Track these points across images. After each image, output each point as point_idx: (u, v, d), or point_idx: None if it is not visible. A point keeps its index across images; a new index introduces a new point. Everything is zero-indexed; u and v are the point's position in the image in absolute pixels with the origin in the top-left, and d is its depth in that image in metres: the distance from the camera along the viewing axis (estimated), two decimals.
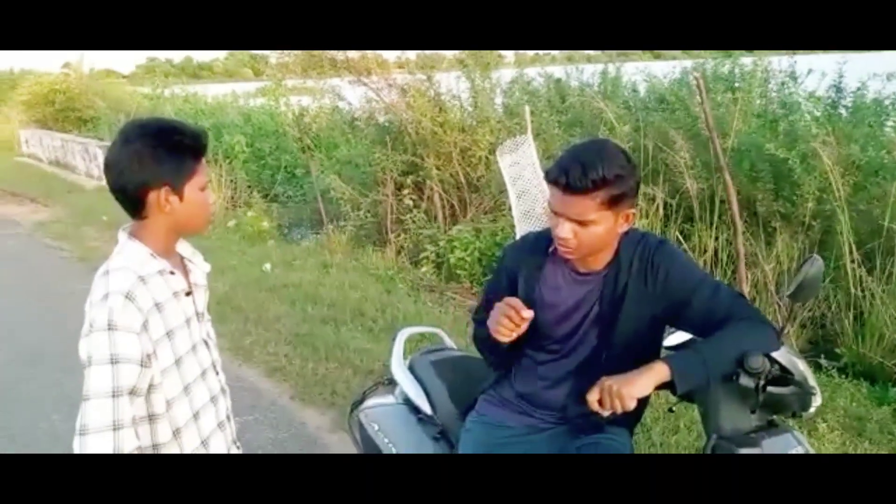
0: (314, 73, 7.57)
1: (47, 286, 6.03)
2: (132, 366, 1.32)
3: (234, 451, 1.67)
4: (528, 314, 1.62)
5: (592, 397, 1.49)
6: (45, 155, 13.99)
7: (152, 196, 1.42)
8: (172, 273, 1.47)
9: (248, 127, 11.55)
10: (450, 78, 7.00)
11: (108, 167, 1.42)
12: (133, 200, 1.43)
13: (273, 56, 8.37)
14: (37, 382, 4.06)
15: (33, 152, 14.72)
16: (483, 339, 1.81)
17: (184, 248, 1.59)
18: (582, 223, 1.60)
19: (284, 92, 8.21)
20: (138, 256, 1.42)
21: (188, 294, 1.53)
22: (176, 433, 1.46)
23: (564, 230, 1.62)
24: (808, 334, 4.32)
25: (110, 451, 1.29)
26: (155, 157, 1.39)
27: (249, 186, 9.49)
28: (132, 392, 1.33)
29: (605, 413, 1.49)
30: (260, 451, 3.28)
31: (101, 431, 1.29)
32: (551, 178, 1.61)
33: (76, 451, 1.30)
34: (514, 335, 1.64)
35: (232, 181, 9.19)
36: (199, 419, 1.52)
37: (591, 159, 1.57)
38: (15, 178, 12.11)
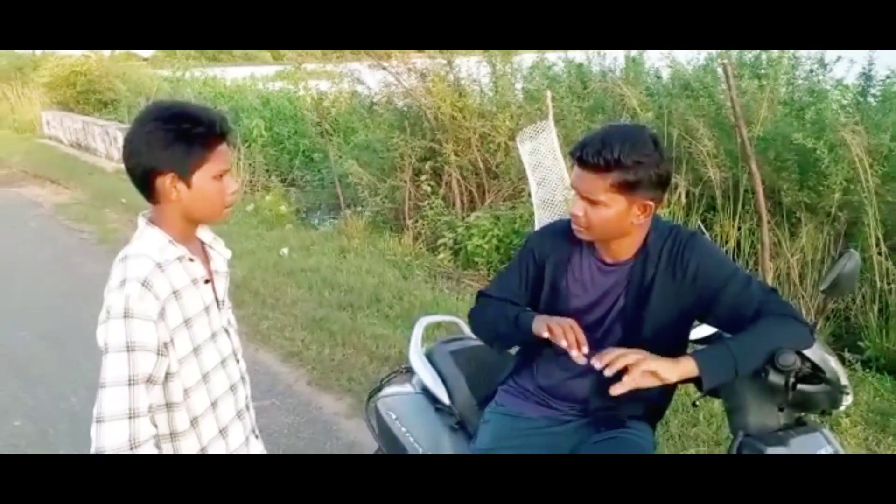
0: (333, 57, 7.53)
1: (67, 267, 6.08)
2: (148, 354, 1.31)
3: (253, 440, 1.66)
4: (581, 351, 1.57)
5: (617, 352, 1.47)
6: (67, 137, 14.06)
7: (160, 181, 1.39)
8: (192, 260, 1.45)
9: (267, 111, 11.53)
10: (470, 63, 6.92)
11: (123, 146, 1.41)
12: (142, 183, 1.41)
13: None
14: (57, 363, 4.09)
15: (55, 134, 14.80)
16: (497, 319, 1.77)
17: (205, 234, 1.57)
18: (592, 202, 1.59)
19: (303, 76, 8.18)
20: (157, 243, 1.40)
21: (207, 281, 1.50)
22: (194, 422, 1.44)
23: (577, 206, 1.62)
24: (831, 327, 4.25)
25: (125, 440, 1.28)
26: (163, 142, 1.36)
27: (268, 170, 9.49)
28: (149, 380, 1.32)
29: (609, 371, 1.45)
30: (276, 436, 3.28)
31: (117, 419, 1.28)
32: (570, 151, 1.63)
33: (93, 438, 1.30)
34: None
35: (250, 165, 9.19)
36: (217, 408, 1.50)
37: (612, 139, 1.55)
38: (37, 159, 12.19)
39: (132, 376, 1.29)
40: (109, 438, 1.28)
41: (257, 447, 1.68)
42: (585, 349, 1.53)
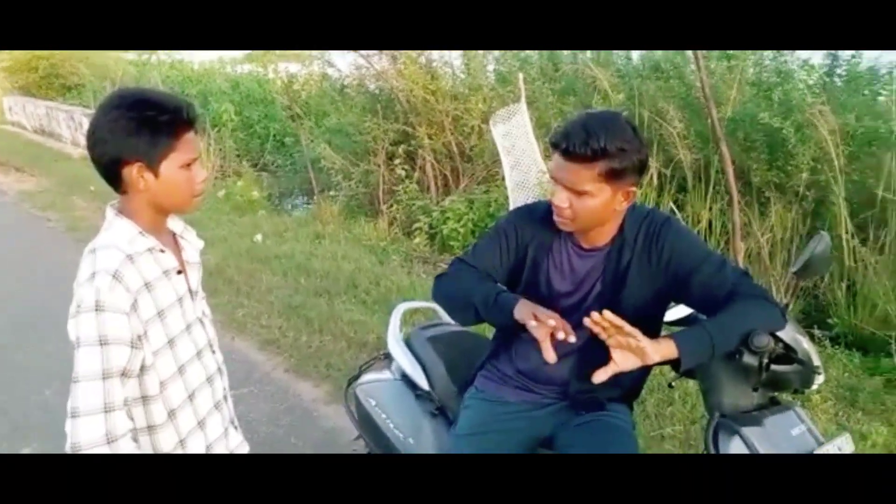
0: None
1: (35, 257, 5.96)
2: (122, 347, 1.29)
3: (232, 431, 1.65)
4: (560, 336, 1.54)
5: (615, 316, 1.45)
6: (30, 123, 13.74)
7: (126, 171, 1.36)
8: (162, 251, 1.42)
9: (236, 94, 11.38)
10: None
11: (88, 135, 1.37)
12: (108, 173, 1.38)
13: None
14: (27, 354, 4.02)
15: (17, 120, 14.45)
16: (473, 289, 1.71)
17: (175, 224, 1.54)
18: (577, 193, 1.57)
19: (272, 58, 8.08)
20: (126, 234, 1.37)
21: (180, 272, 1.48)
22: (171, 414, 1.43)
23: (560, 198, 1.59)
24: (800, 304, 4.33)
25: (102, 434, 1.26)
26: (127, 130, 1.33)
27: (238, 155, 9.38)
28: (123, 374, 1.30)
29: (600, 378, 1.46)
30: (255, 424, 3.28)
31: (92, 414, 1.26)
32: (553, 142, 1.59)
33: (68, 433, 1.27)
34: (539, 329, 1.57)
35: (220, 150, 9.07)
36: (194, 399, 1.48)
37: (595, 128, 1.52)
38: None
39: (106, 370, 1.27)
40: (85, 433, 1.26)
41: (236, 438, 1.67)
42: (572, 338, 1.53)
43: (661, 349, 1.47)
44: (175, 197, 1.41)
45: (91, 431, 1.26)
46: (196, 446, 1.50)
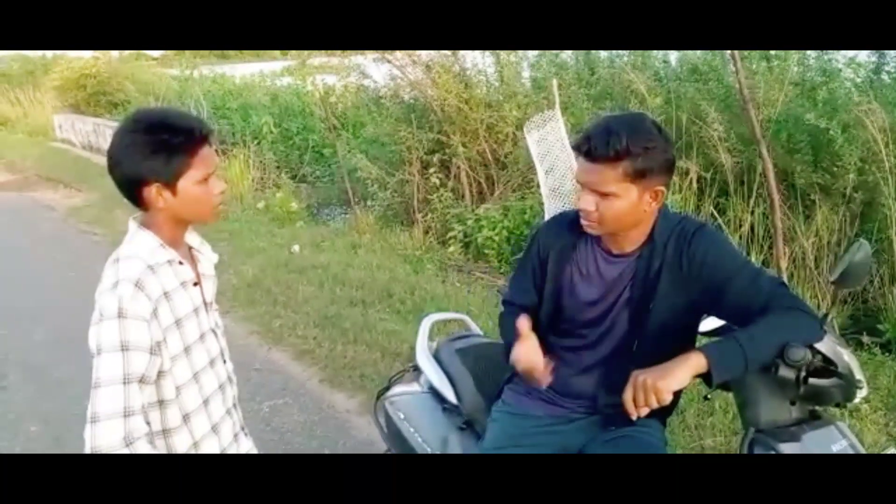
0: (338, 50, 7.49)
1: (81, 270, 6.10)
2: (142, 353, 1.33)
3: (242, 437, 1.69)
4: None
5: (628, 396, 1.42)
6: (79, 139, 14.12)
7: (146, 191, 1.41)
8: (181, 263, 1.48)
9: (275, 107, 11.52)
10: (475, 53, 6.85)
11: (107, 158, 1.43)
12: (128, 193, 1.44)
13: None
14: (70, 366, 4.10)
15: (67, 137, 14.87)
16: (505, 328, 1.80)
17: (192, 238, 1.60)
18: (603, 194, 1.55)
19: (310, 71, 8.16)
20: (147, 246, 1.43)
21: (196, 284, 1.53)
22: (185, 418, 1.48)
23: (586, 201, 1.58)
24: (849, 310, 4.18)
25: (121, 438, 1.30)
26: (143, 153, 1.38)
27: (278, 167, 9.47)
28: (142, 379, 1.34)
29: (642, 414, 1.42)
30: (290, 435, 3.29)
31: (111, 418, 1.30)
32: (575, 145, 1.59)
33: (87, 438, 1.31)
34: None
35: (261, 162, 9.18)
36: (208, 405, 1.54)
37: (617, 128, 1.51)
38: (50, 163, 12.26)
39: (126, 375, 1.31)
40: (104, 437, 1.29)
41: (247, 444, 1.71)
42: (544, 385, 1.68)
43: (691, 365, 1.41)
44: (194, 210, 1.47)
45: (110, 435, 1.30)
46: (210, 449, 1.55)
